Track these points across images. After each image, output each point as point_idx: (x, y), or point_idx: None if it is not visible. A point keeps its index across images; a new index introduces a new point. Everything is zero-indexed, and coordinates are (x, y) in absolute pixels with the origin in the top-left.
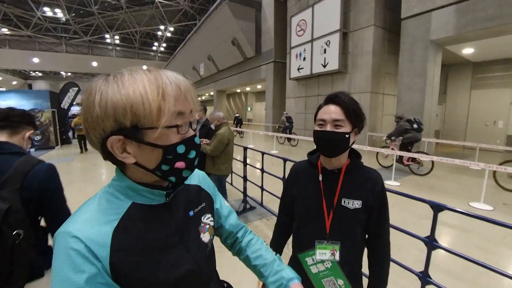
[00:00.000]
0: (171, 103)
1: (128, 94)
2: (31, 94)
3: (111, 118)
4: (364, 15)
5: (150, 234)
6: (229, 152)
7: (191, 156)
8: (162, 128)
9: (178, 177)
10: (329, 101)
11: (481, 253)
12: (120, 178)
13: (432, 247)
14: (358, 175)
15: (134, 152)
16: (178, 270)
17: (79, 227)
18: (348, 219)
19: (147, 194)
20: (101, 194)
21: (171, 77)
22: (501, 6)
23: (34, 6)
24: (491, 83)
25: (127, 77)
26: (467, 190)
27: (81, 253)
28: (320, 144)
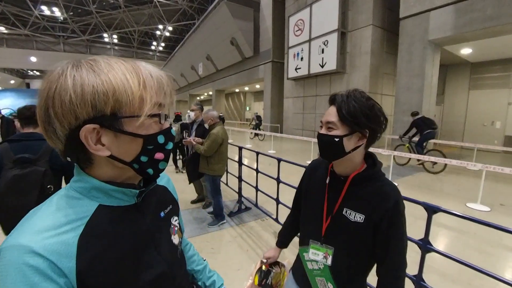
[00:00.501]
0: (152, 94)
1: (110, 80)
2: (28, 92)
3: (89, 104)
4: (362, 15)
5: (121, 237)
6: (223, 152)
7: (168, 147)
8: (144, 117)
9: (155, 170)
10: (330, 101)
11: (477, 255)
12: (83, 178)
13: (426, 250)
14: (368, 186)
15: (110, 143)
16: (151, 273)
17: (35, 238)
18: (346, 230)
19: (117, 195)
20: (58, 198)
21: (150, 68)
22: (500, 6)
23: (31, 5)
24: (489, 84)
25: (103, 63)
26: (464, 190)
27: (39, 270)
28: (318, 146)
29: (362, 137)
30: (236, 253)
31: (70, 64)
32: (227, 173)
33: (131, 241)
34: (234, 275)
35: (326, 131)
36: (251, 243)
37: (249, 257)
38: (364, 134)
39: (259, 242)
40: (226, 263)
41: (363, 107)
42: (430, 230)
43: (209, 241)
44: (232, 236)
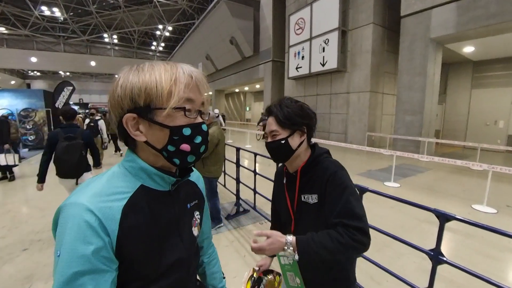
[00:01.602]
0: (181, 88)
1: (145, 78)
2: (25, 93)
3: (128, 97)
4: (363, 13)
5: (154, 217)
6: (219, 152)
7: (196, 141)
8: (170, 109)
9: (182, 161)
10: (267, 113)
11: (486, 261)
12: (133, 159)
13: (437, 262)
14: (315, 170)
15: (145, 131)
16: (172, 256)
17: (91, 199)
18: (309, 215)
19: (157, 179)
20: (110, 172)
21: (185, 68)
22: (503, 3)
23: (31, 5)
24: (492, 82)
25: (147, 66)
26: (469, 191)
27: (91, 226)
28: (269, 154)
29: (302, 134)
30: (232, 258)
31: (127, 68)
32: (225, 174)
33: (161, 223)
34: (230, 283)
35: (272, 139)
36: (249, 248)
37: (246, 263)
38: (303, 131)
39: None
40: (226, 263)
41: (294, 109)
42: (435, 235)
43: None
44: (229, 240)
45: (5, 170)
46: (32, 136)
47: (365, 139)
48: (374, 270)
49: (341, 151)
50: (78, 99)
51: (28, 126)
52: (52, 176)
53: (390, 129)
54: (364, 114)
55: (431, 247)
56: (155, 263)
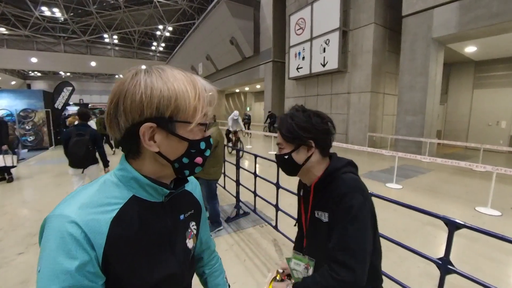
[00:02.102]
0: (204, 105)
1: (174, 88)
2: (24, 93)
3: (155, 106)
4: (364, 13)
5: (145, 230)
6: (218, 154)
7: (206, 154)
8: (195, 124)
9: (191, 172)
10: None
11: (491, 265)
12: (125, 167)
13: (446, 271)
14: (330, 186)
15: (160, 141)
16: (163, 271)
17: (77, 211)
18: (321, 233)
19: (150, 190)
20: (101, 181)
21: (204, 83)
22: (505, 2)
23: (32, 6)
24: (494, 83)
25: (169, 73)
26: (472, 193)
27: (76, 239)
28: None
29: (310, 148)
30: (232, 263)
31: (143, 69)
32: (225, 176)
33: (152, 236)
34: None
35: (279, 152)
36: (249, 252)
37: (246, 268)
38: (310, 145)
39: (257, 250)
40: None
41: (299, 122)
42: (439, 238)
43: None
44: (228, 244)
45: (3, 171)
46: (31, 136)
47: (366, 139)
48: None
49: (342, 152)
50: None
51: (28, 127)
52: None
53: (391, 130)
54: (365, 115)
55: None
56: (144, 279)
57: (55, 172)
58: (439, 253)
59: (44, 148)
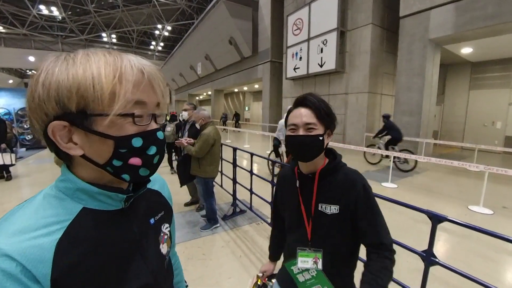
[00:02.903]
0: (128, 89)
1: (77, 74)
2: (23, 92)
3: (54, 99)
4: (361, 14)
5: (104, 244)
6: (215, 153)
7: (150, 153)
8: (114, 116)
9: (133, 176)
10: (299, 104)
11: (481, 262)
12: (68, 178)
13: (430, 263)
14: (335, 177)
15: (82, 142)
16: (134, 283)
17: (9, 240)
18: (326, 225)
19: (102, 198)
20: (40, 198)
21: (134, 61)
22: (501, 4)
23: (29, 4)
24: (490, 84)
25: (80, 56)
26: (466, 192)
27: (11, 275)
28: (294, 150)
29: (330, 133)
30: (228, 259)
31: (52, 57)
32: (222, 174)
33: (115, 248)
34: (224, 284)
35: (306, 132)
36: (245, 249)
37: (242, 264)
38: (332, 131)
39: (252, 247)
40: (217, 271)
41: (329, 107)
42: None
43: (200, 246)
44: (225, 241)
45: (2, 169)
46: (29, 135)
47: (364, 139)
48: None
49: (339, 151)
50: None
51: (26, 126)
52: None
53: None
54: (362, 115)
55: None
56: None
57: (54, 171)
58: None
59: (42, 147)
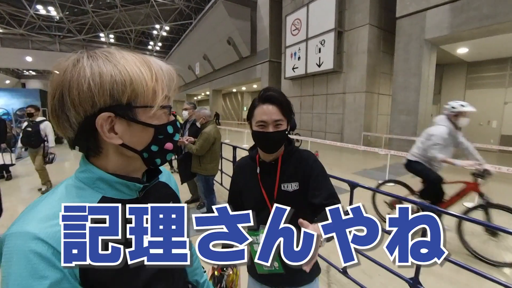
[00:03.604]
0: (163, 86)
1: (127, 70)
2: (21, 92)
3: (107, 93)
4: (359, 14)
5: (122, 230)
6: (215, 151)
7: (176, 138)
8: (157, 108)
9: (163, 160)
10: (265, 100)
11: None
12: (89, 168)
13: None
14: (293, 160)
15: (122, 132)
16: (149, 269)
17: (39, 225)
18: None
19: (120, 187)
20: (62, 188)
21: (159, 63)
22: (496, 5)
23: (27, 4)
24: (485, 83)
25: (117, 55)
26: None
27: (43, 257)
28: (264, 144)
29: (288, 124)
30: None
31: (84, 54)
32: (222, 173)
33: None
34: None
35: (275, 129)
36: None
37: None
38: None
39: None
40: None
41: (289, 102)
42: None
43: None
44: None
45: (2, 169)
46: None
47: (361, 138)
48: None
49: (337, 151)
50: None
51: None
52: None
53: (385, 129)
54: (360, 114)
55: None
56: (132, 280)
57: (53, 171)
58: None
59: None
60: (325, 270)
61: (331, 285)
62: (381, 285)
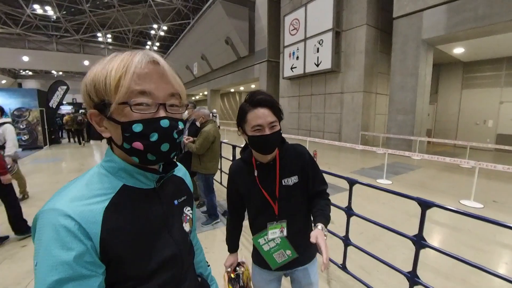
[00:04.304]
0: (129, 80)
1: (96, 72)
2: (19, 92)
3: (85, 93)
4: (356, 14)
5: (139, 216)
6: (215, 149)
7: (152, 139)
8: (116, 104)
9: (141, 159)
10: (257, 105)
11: (471, 252)
12: (112, 159)
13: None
14: (288, 155)
15: (108, 127)
16: (163, 253)
17: (68, 204)
18: (291, 195)
19: (139, 177)
20: (89, 174)
21: (145, 55)
22: (491, 6)
23: (23, 4)
24: (481, 83)
25: (110, 57)
26: (458, 188)
27: (71, 231)
28: (263, 147)
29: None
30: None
31: (100, 60)
32: (221, 171)
33: (147, 221)
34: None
35: (271, 131)
36: (245, 242)
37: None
38: (280, 121)
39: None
40: (218, 263)
41: (277, 102)
42: (425, 229)
43: (202, 241)
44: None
45: None
46: (25, 135)
47: (359, 138)
48: (365, 261)
49: (335, 150)
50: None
51: (22, 126)
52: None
53: (383, 129)
54: (357, 114)
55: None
56: (144, 262)
57: (51, 171)
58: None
59: (38, 147)
60: None
61: (331, 281)
62: (380, 281)
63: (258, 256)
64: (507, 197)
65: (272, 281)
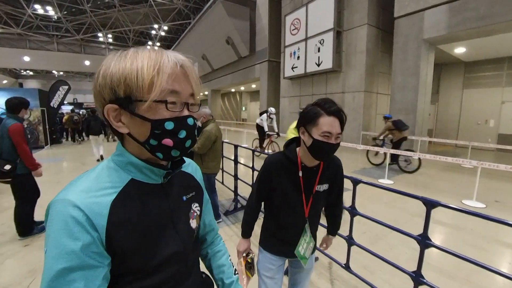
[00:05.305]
0: (163, 79)
1: (126, 66)
2: (20, 92)
3: (108, 87)
4: (357, 14)
5: (146, 211)
6: (217, 149)
7: (181, 136)
8: (150, 102)
9: (165, 155)
10: (334, 114)
11: (474, 251)
12: (122, 153)
13: (425, 246)
14: (330, 165)
15: (127, 122)
16: (167, 249)
17: (77, 196)
18: (319, 200)
19: (147, 172)
20: (100, 168)
21: (172, 56)
22: (492, 5)
23: (24, 4)
24: (483, 83)
25: (131, 53)
26: (460, 188)
27: (78, 221)
28: (324, 153)
29: None
30: (231, 252)
31: (111, 55)
32: (223, 172)
33: (154, 215)
34: None
35: (336, 141)
36: None
37: None
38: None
39: (254, 240)
40: None
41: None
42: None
43: None
44: (228, 235)
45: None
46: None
47: (360, 138)
48: (368, 261)
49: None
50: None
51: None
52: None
53: None
54: (359, 114)
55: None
56: (148, 257)
57: (53, 170)
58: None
59: (39, 147)
60: (327, 266)
61: (334, 281)
62: (383, 281)
63: (268, 243)
64: (509, 197)
65: (281, 266)
